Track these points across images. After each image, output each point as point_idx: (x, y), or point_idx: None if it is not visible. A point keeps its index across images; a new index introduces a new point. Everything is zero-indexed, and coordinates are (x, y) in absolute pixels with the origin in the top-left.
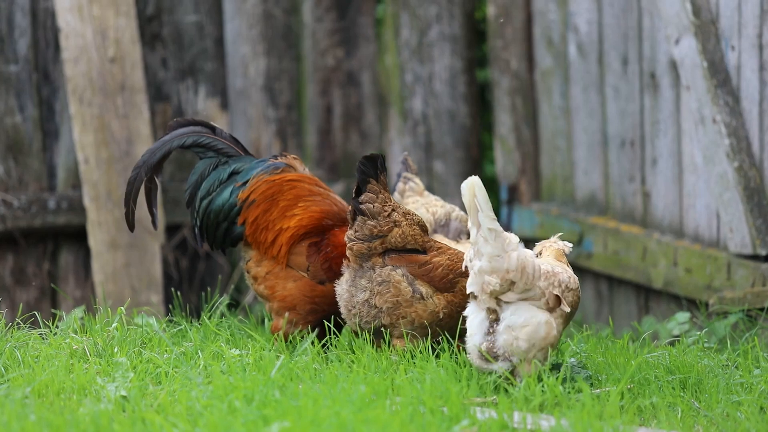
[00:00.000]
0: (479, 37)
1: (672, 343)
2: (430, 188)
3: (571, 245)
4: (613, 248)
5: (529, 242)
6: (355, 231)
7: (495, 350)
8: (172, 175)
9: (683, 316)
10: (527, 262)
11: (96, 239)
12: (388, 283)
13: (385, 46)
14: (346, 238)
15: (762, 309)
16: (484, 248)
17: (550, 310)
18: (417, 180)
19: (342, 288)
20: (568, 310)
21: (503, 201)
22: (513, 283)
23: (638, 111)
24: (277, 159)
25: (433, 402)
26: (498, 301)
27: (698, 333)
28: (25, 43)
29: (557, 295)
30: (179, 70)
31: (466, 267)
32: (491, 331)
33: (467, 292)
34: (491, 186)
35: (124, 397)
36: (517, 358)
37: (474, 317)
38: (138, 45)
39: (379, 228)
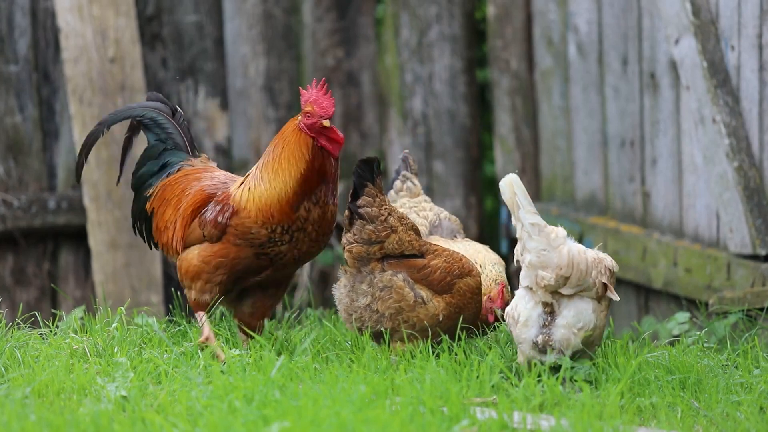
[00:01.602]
0: (479, 37)
1: (672, 343)
2: (429, 188)
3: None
4: (613, 248)
5: None
6: (354, 234)
7: (551, 343)
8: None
9: (683, 316)
10: (578, 256)
11: (96, 239)
12: (391, 288)
13: (385, 46)
14: (344, 241)
15: (762, 309)
16: (530, 243)
17: (599, 299)
18: (415, 180)
19: (340, 292)
20: (617, 298)
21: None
22: (567, 278)
23: (638, 111)
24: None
25: (433, 402)
26: (554, 294)
27: (698, 333)
28: (25, 43)
29: (605, 283)
30: (179, 70)
31: (460, 268)
32: (547, 323)
33: (522, 285)
34: (491, 186)
35: (124, 397)
36: (570, 351)
37: (530, 309)
38: (138, 45)
39: (376, 234)
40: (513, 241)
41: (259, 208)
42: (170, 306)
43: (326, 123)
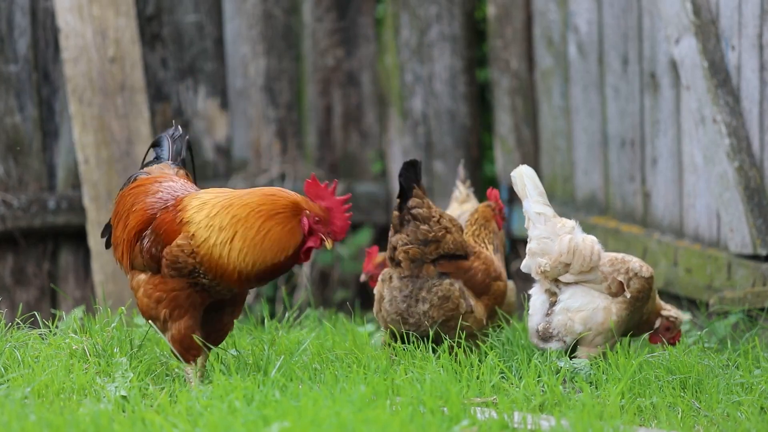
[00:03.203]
0: (479, 37)
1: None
2: (430, 188)
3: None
4: (614, 248)
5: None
6: (408, 235)
7: (550, 330)
8: None
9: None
10: (582, 245)
11: (96, 239)
12: (449, 298)
13: (385, 46)
14: (396, 242)
15: (762, 309)
16: (533, 231)
17: (613, 295)
18: (461, 188)
19: (393, 295)
20: (628, 296)
21: (504, 201)
22: (568, 265)
23: (638, 111)
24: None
25: (433, 402)
26: (557, 282)
27: (698, 333)
28: (25, 43)
29: (621, 282)
30: (179, 70)
31: (495, 270)
32: (549, 312)
33: (524, 271)
34: (491, 186)
35: (124, 397)
36: (570, 339)
37: (536, 298)
38: (138, 45)
39: (433, 233)
40: (513, 242)
41: (211, 264)
42: None
43: (328, 245)
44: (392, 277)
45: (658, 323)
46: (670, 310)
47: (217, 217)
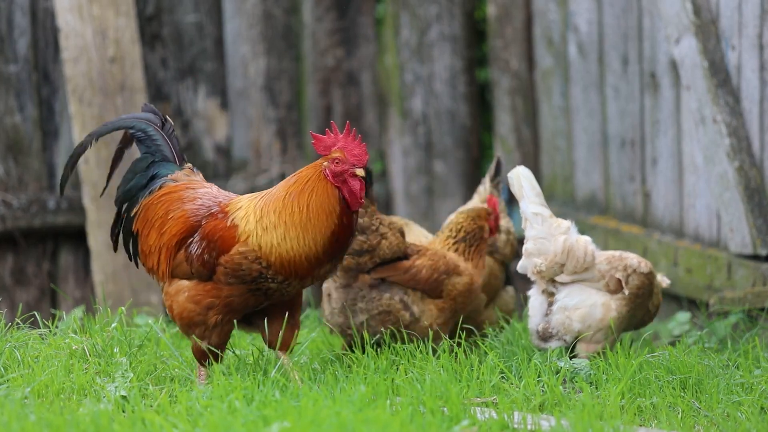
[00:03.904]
0: (479, 37)
1: (672, 343)
2: (430, 188)
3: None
4: (614, 248)
5: None
6: None
7: (550, 330)
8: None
9: (684, 316)
10: (576, 245)
11: (96, 239)
12: (389, 312)
13: (385, 46)
14: None
15: (762, 309)
16: (529, 231)
17: (612, 292)
18: (487, 184)
19: (332, 307)
20: (627, 293)
21: (504, 201)
22: (562, 265)
23: (638, 111)
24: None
25: (433, 402)
26: (553, 282)
27: (699, 333)
28: (25, 43)
29: (618, 279)
30: (179, 70)
31: (446, 265)
32: (548, 312)
33: (520, 272)
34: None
35: (124, 397)
36: (570, 337)
37: (534, 299)
38: (138, 45)
39: (368, 242)
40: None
41: (282, 263)
42: None
43: (359, 172)
44: (330, 291)
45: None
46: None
47: (264, 219)
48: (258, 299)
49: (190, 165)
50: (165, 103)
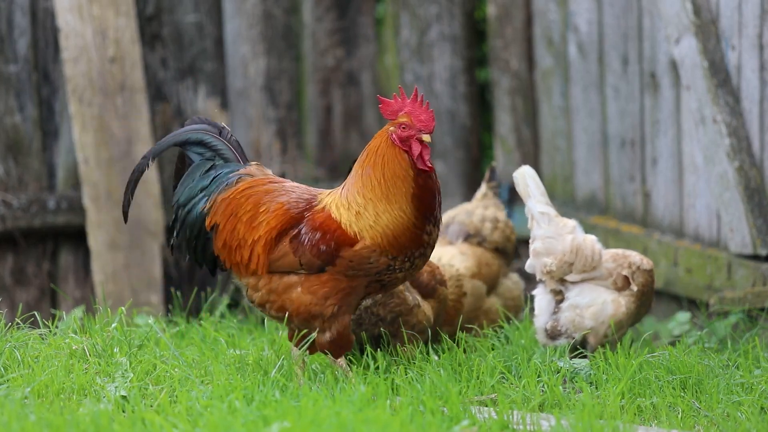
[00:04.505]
0: (479, 37)
1: (672, 344)
2: None
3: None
4: (614, 248)
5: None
6: None
7: (559, 328)
8: (172, 176)
9: (684, 316)
10: (584, 244)
11: (96, 239)
12: (393, 294)
13: (385, 46)
14: None
15: (762, 309)
16: (537, 231)
17: (619, 289)
18: (483, 187)
19: None
20: (635, 289)
21: (504, 201)
22: (571, 264)
23: (638, 111)
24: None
25: (433, 402)
26: (562, 281)
27: (699, 333)
28: (25, 43)
29: (626, 276)
30: (179, 70)
31: (441, 275)
32: (556, 310)
33: (529, 272)
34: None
35: (124, 397)
36: (579, 335)
37: (541, 298)
38: (138, 45)
39: None
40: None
41: (387, 240)
42: (170, 306)
43: (426, 138)
44: None
45: None
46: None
47: (353, 204)
48: (375, 289)
49: (257, 162)
50: (165, 103)
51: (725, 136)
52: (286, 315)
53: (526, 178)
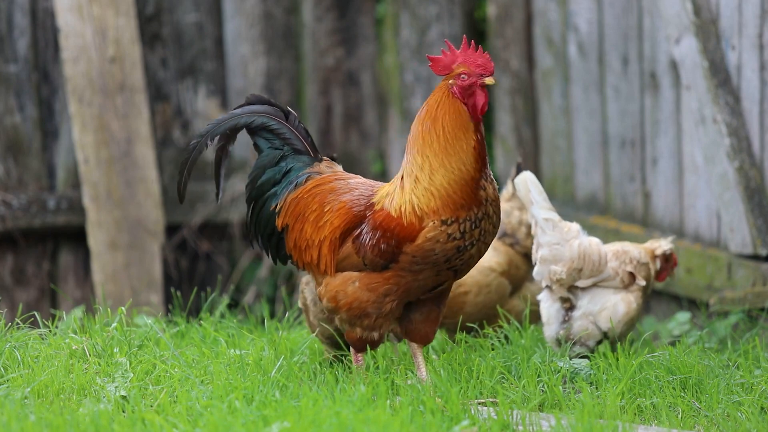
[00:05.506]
0: (479, 37)
1: (672, 344)
2: None
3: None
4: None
5: None
6: None
7: (572, 337)
8: (172, 176)
9: (684, 316)
10: (590, 248)
11: (96, 239)
12: None
13: (385, 46)
14: None
15: (762, 309)
16: (543, 238)
17: (627, 286)
18: (510, 186)
19: (306, 299)
20: (643, 283)
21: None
22: (580, 270)
23: (638, 111)
24: (312, 166)
25: (433, 402)
26: (571, 288)
27: (699, 333)
28: (25, 43)
29: (631, 272)
30: (179, 70)
31: None
32: (567, 318)
33: (542, 286)
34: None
35: (124, 397)
36: (593, 342)
37: (549, 305)
38: (138, 45)
39: None
40: None
41: (443, 201)
42: (170, 306)
43: (489, 80)
44: (305, 287)
45: (658, 265)
46: (659, 246)
47: (413, 169)
48: (434, 281)
49: (328, 156)
50: (165, 103)
51: (725, 136)
52: (334, 306)
53: (528, 184)
